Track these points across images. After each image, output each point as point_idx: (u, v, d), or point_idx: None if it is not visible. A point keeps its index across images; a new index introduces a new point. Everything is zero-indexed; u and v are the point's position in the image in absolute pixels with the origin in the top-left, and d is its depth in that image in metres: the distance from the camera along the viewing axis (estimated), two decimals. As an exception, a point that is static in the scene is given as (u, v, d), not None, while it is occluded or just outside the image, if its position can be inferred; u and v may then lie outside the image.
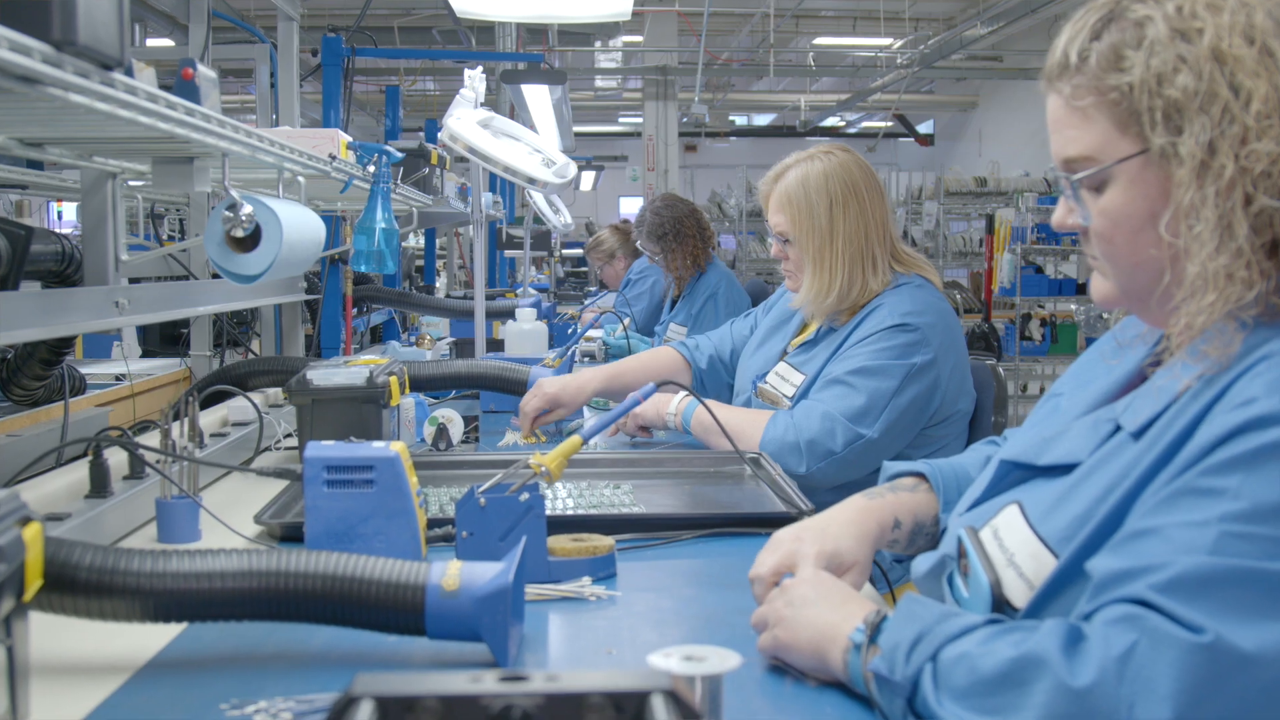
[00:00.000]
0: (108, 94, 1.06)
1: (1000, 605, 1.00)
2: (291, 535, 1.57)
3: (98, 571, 1.07)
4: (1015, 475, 1.11)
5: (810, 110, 16.13)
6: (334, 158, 1.91)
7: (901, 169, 14.38)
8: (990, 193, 10.89)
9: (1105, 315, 7.01)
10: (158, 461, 1.55)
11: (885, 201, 2.31)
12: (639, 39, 13.95)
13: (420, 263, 6.84)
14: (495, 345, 3.52)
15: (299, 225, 1.63)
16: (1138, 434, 0.98)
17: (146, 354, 4.18)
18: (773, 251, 2.40)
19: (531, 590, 1.31)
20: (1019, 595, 0.99)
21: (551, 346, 3.67)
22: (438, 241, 7.31)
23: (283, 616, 1.10)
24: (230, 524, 1.60)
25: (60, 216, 9.91)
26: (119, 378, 3.54)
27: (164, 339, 4.10)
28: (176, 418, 1.62)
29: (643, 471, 2.00)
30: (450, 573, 1.09)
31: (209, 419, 2.24)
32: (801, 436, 2.10)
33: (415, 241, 6.97)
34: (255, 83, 3.45)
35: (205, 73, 1.45)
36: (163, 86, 1.42)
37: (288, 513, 1.64)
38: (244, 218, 1.51)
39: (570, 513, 1.64)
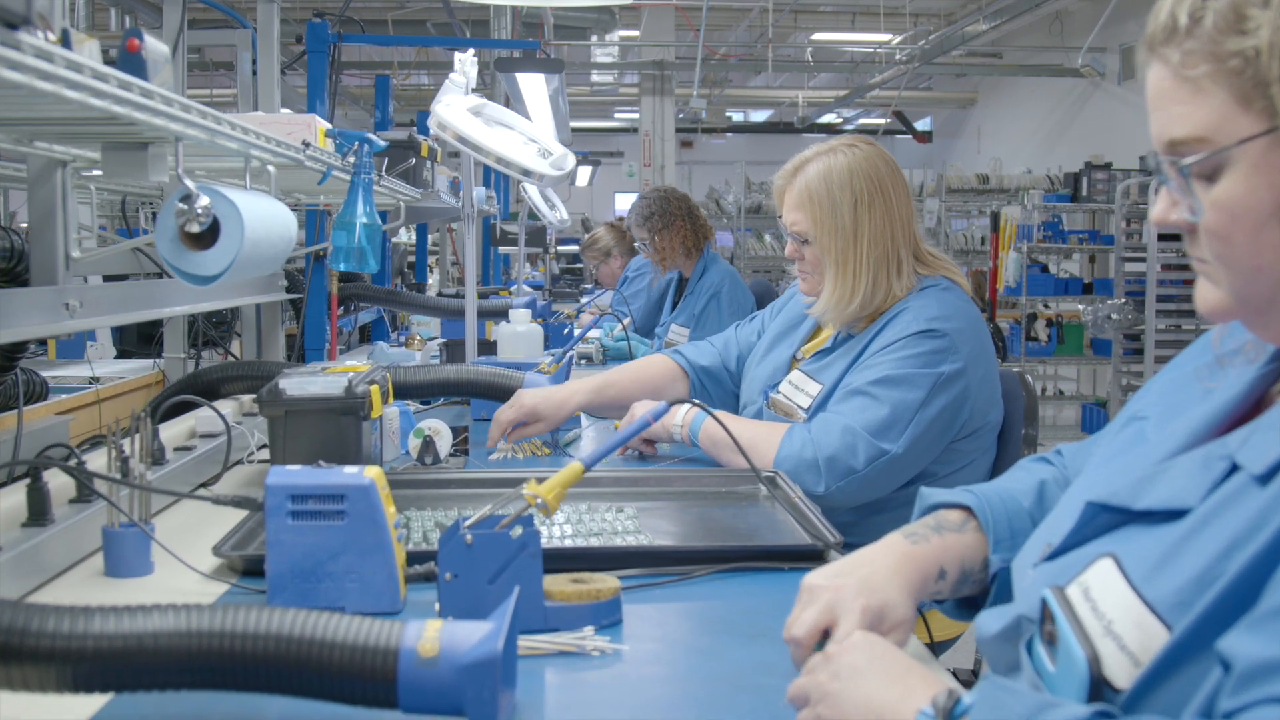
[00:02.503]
0: (15, 60, 0.88)
1: (1097, 684, 0.82)
2: (254, 569, 1.39)
3: (5, 633, 0.89)
4: (1104, 519, 0.93)
5: (808, 106, 15.94)
6: (308, 145, 1.73)
7: (900, 166, 14.16)
8: (992, 190, 10.73)
9: (1114, 316, 6.84)
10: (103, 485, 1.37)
11: (910, 198, 2.13)
12: (635, 34, 13.76)
13: (413, 259, 6.67)
14: (488, 347, 3.35)
15: (264, 219, 1.45)
16: (1265, 477, 0.80)
17: (123, 354, 3.99)
18: (787, 251, 2.22)
19: (525, 642, 1.13)
20: (1121, 673, 0.81)
21: (547, 348, 3.49)
22: (430, 237, 7.13)
23: (229, 685, 0.92)
24: (186, 555, 1.43)
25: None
26: (93, 380, 3.36)
27: (141, 338, 3.91)
28: (126, 434, 1.44)
29: (647, 492, 1.82)
30: (428, 635, 0.92)
31: (175, 430, 2.06)
32: (820, 453, 1.93)
33: (407, 237, 6.78)
34: (237, 71, 3.26)
35: (155, 46, 1.27)
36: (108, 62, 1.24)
37: (251, 543, 1.46)
38: (200, 211, 1.33)
39: (568, 544, 1.46)
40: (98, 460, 1.59)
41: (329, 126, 1.98)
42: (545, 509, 1.22)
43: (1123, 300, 6.87)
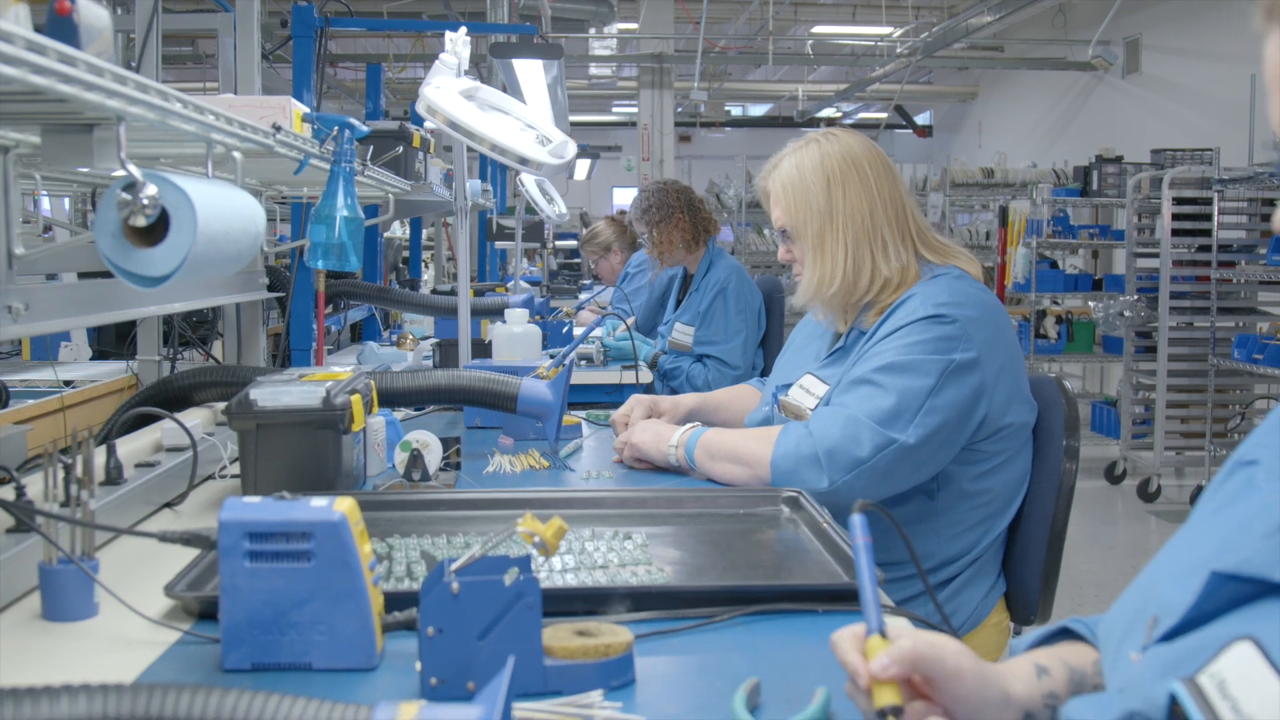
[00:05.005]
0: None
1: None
2: (211, 612, 1.21)
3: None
4: (1231, 591, 0.75)
5: (807, 100, 15.76)
6: (279, 129, 1.55)
7: (899, 161, 13.97)
8: (997, 184, 10.54)
9: (1126, 313, 6.67)
10: (35, 518, 1.20)
11: (897, 180, 1.99)
12: (634, 26, 13.57)
13: (407, 254, 6.50)
14: (483, 348, 3.17)
15: (223, 212, 1.27)
16: None
17: (101, 354, 3.82)
18: (780, 255, 2.09)
19: (520, 712, 0.96)
20: None
21: (545, 347, 3.32)
22: (425, 232, 6.96)
23: (155, 785, 0.75)
24: (137, 593, 1.26)
25: (35, 205, 9.47)
26: (67, 384, 3.19)
27: (119, 338, 3.74)
28: (65, 452, 1.27)
29: (656, 515, 1.64)
30: (401, 725, 0.74)
31: (139, 443, 1.88)
32: (820, 446, 1.77)
33: (401, 232, 6.62)
34: (220, 58, 3.09)
35: (91, 10, 1.09)
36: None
37: (209, 582, 1.28)
38: (145, 201, 1.15)
39: (570, 583, 1.28)
40: (38, 485, 1.41)
41: (306, 110, 1.80)
42: (544, 549, 1.04)
43: (1135, 297, 6.70)
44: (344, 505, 1.08)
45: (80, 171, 1.90)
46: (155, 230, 1.18)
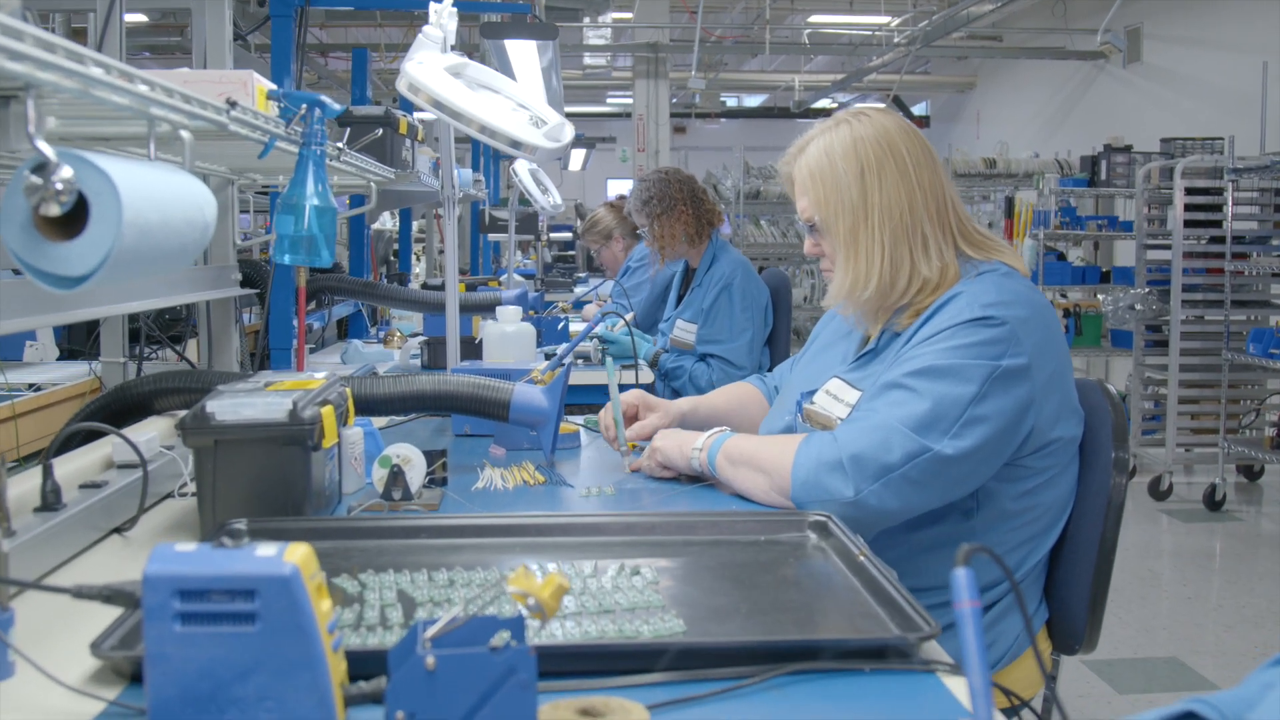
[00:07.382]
0: None
1: None
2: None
3: None
4: None
5: (804, 91, 15.56)
6: (234, 105, 1.35)
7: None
8: (999, 175, 10.35)
9: (1136, 306, 6.49)
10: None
11: (938, 167, 1.80)
12: (629, 15, 13.36)
13: (400, 247, 6.30)
14: (472, 348, 2.99)
15: (159, 199, 1.07)
16: None
17: (72, 354, 3.62)
18: (806, 249, 1.89)
19: (513, 820, 0.77)
20: None
21: (540, 345, 3.13)
22: (416, 224, 6.77)
23: None
24: (63, 650, 1.07)
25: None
26: (31, 387, 2.99)
27: (89, 336, 3.54)
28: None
29: (666, 544, 1.45)
30: None
31: (84, 461, 1.69)
32: (844, 452, 1.60)
33: (392, 223, 6.43)
34: (194, 38, 2.89)
35: (-10, -47, 0.90)
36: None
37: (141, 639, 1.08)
38: (59, 186, 0.95)
39: (572, 635, 1.09)
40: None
41: (272, 87, 1.61)
42: (540, 612, 0.86)
43: (1145, 290, 6.51)
44: (296, 554, 0.88)
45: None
46: (75, 221, 0.98)
